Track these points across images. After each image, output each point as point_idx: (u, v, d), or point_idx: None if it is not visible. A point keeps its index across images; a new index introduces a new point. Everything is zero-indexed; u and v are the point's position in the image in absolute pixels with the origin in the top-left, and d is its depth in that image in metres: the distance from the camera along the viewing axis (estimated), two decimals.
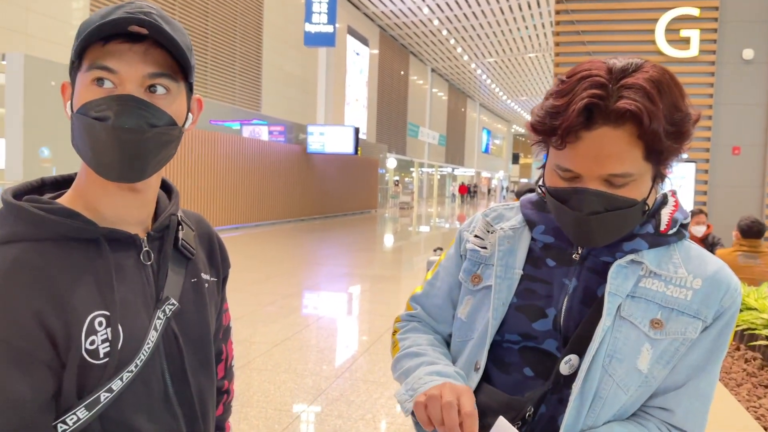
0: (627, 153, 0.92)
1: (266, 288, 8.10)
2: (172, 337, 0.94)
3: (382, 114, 31.32)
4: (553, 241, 1.09)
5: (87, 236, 0.86)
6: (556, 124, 0.93)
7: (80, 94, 0.84)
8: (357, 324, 6.80)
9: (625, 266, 1.00)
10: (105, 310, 0.85)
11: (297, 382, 4.47)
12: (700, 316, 0.98)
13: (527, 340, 1.05)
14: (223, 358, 1.16)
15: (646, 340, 0.98)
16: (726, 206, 8.92)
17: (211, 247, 1.09)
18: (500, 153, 69.65)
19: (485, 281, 1.12)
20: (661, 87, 0.92)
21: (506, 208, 1.20)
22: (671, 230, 1.03)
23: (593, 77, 0.92)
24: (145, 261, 0.92)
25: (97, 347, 0.83)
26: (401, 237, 17.98)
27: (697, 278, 1.00)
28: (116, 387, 0.84)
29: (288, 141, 19.46)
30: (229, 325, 1.18)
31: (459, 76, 43.16)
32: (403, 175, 39.50)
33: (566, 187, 0.98)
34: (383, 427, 3.78)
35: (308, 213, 20.88)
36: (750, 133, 9.15)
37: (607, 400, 0.98)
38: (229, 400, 1.20)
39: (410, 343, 1.17)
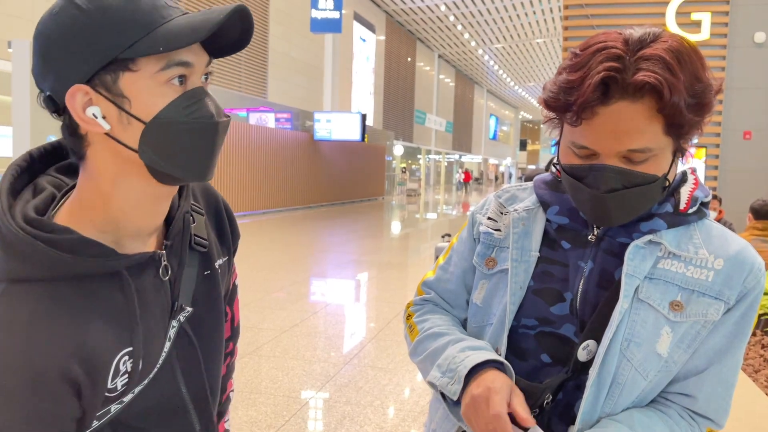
0: (646, 127, 0.88)
1: (274, 275, 8.10)
2: (185, 337, 0.91)
3: (388, 101, 31.19)
4: (567, 222, 1.05)
5: (109, 271, 0.79)
6: (571, 99, 0.89)
7: (154, 99, 0.75)
8: (365, 311, 6.79)
9: (642, 247, 0.96)
10: (129, 347, 0.80)
11: (305, 369, 4.47)
12: (722, 297, 0.94)
13: (544, 325, 1.02)
14: (229, 318, 1.12)
15: (666, 323, 0.94)
16: (737, 191, 8.83)
17: (220, 223, 1.04)
18: (508, 140, 69.38)
19: (500, 265, 1.08)
20: (681, 57, 0.87)
21: (519, 189, 1.17)
22: (691, 209, 0.99)
23: (609, 49, 0.88)
24: (163, 276, 0.86)
25: (116, 385, 0.80)
26: (408, 224, 17.97)
27: (719, 258, 0.96)
28: (127, 399, 0.83)
29: (295, 128, 19.43)
30: (235, 284, 1.14)
31: (466, 63, 42.90)
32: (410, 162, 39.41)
33: (582, 164, 0.94)
34: (392, 413, 3.78)
35: (316, 200, 20.88)
36: (761, 117, 9.04)
37: (625, 386, 0.95)
38: (233, 360, 1.19)
39: (430, 324, 1.14)
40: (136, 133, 0.76)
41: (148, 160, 0.77)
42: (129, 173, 0.79)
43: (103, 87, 0.74)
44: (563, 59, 0.98)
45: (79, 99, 0.74)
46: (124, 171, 0.79)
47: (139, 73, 0.74)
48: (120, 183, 0.79)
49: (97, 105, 0.75)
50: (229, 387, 1.19)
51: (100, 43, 0.72)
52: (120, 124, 0.76)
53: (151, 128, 0.75)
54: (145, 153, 0.76)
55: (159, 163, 0.77)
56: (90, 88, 0.74)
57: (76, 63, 0.73)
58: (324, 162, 21.41)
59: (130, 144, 0.76)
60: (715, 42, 8.91)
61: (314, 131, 20.21)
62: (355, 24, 26.23)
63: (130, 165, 0.78)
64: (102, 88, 0.74)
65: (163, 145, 0.76)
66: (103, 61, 0.73)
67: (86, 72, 0.73)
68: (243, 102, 17.42)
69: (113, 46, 0.72)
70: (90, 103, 0.75)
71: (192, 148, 0.78)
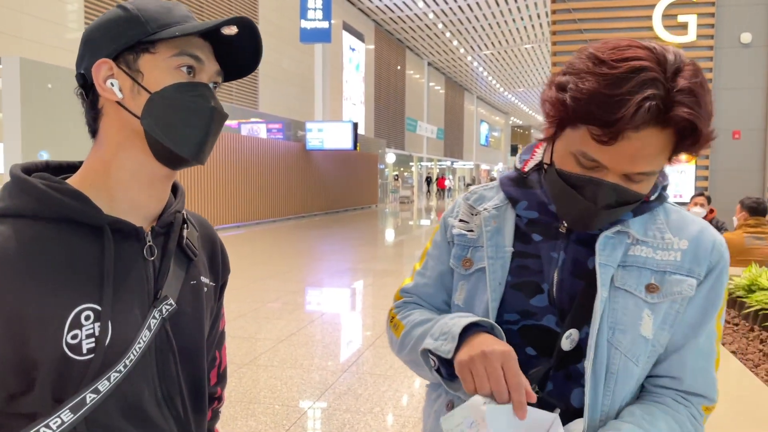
0: (661, 154, 0.92)
1: (270, 285, 8.08)
2: (165, 339, 0.90)
3: (379, 109, 31.26)
4: (537, 216, 1.08)
5: (91, 222, 0.84)
6: (607, 119, 0.87)
7: (163, 76, 0.86)
8: (361, 318, 6.78)
9: (612, 237, 1.01)
10: (95, 304, 0.81)
11: (304, 378, 4.46)
12: (693, 274, 0.99)
13: (526, 318, 1.04)
14: (216, 364, 1.12)
15: (645, 306, 0.98)
16: (727, 191, 8.89)
17: (213, 252, 1.06)
18: (499, 145, 69.57)
19: (477, 264, 1.11)
20: (704, 91, 0.90)
21: (486, 189, 1.19)
22: (653, 196, 1.04)
23: (647, 72, 0.87)
24: (147, 256, 0.90)
25: (80, 342, 0.80)
26: (402, 231, 17.97)
27: (683, 239, 1.02)
28: (103, 388, 0.80)
29: (287, 138, 19.43)
30: (223, 331, 1.14)
31: (456, 70, 43.06)
32: (402, 170, 39.46)
33: (582, 175, 0.95)
34: (391, 420, 3.77)
35: (309, 210, 20.86)
36: (750, 117, 9.12)
37: (618, 375, 0.97)
38: (219, 406, 1.16)
39: (416, 316, 1.15)
40: (142, 101, 0.86)
41: (147, 126, 0.86)
42: (131, 144, 0.88)
43: (125, 64, 0.87)
44: (551, 64, 0.97)
45: (104, 71, 0.86)
46: (126, 141, 0.88)
47: (156, 56, 0.86)
48: (121, 152, 0.88)
49: (117, 78, 0.87)
50: None
51: (129, 30, 0.86)
52: (131, 94, 0.87)
53: (155, 98, 0.86)
54: (145, 119, 0.86)
55: (156, 131, 0.86)
56: (114, 63, 0.87)
57: (106, 43, 0.87)
58: (317, 171, 21.40)
59: (135, 111, 0.86)
60: (701, 43, 8.99)
61: (306, 141, 20.20)
62: (345, 33, 26.31)
63: (133, 136, 0.88)
64: (124, 65, 0.87)
65: (161, 115, 0.86)
66: (128, 43, 0.86)
67: (113, 50, 0.86)
68: (234, 114, 17.40)
69: (139, 33, 0.86)
70: (112, 77, 0.86)
71: (187, 125, 0.87)
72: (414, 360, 1.11)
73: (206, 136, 0.89)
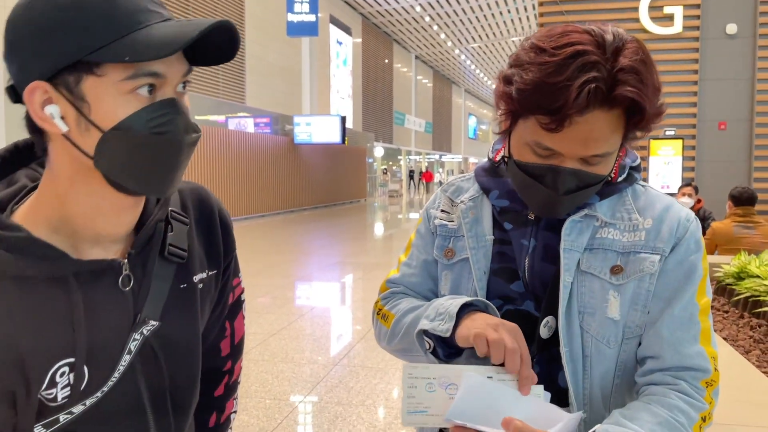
0: (612, 135, 0.93)
1: (259, 280, 8.05)
2: (151, 354, 0.84)
3: (367, 103, 31.20)
4: (508, 204, 1.09)
5: (54, 275, 0.74)
6: (551, 107, 0.88)
7: (115, 106, 0.70)
8: (351, 312, 6.78)
9: (579, 221, 1.02)
10: (70, 358, 0.75)
11: (295, 371, 4.44)
12: (657, 251, 0.99)
13: (508, 303, 1.06)
14: (227, 334, 1.07)
15: (610, 288, 0.99)
16: (714, 181, 8.96)
17: (211, 234, 0.97)
18: (487, 138, 69.66)
19: (459, 254, 1.12)
20: (647, 67, 0.91)
21: (462, 180, 1.21)
22: (620, 177, 1.05)
23: (586, 56, 0.87)
24: (123, 287, 0.81)
25: (55, 395, 0.75)
26: (392, 225, 17.98)
27: (648, 218, 1.02)
28: (77, 410, 0.77)
29: (274, 132, 19.34)
30: (239, 299, 1.08)
31: (443, 63, 43.04)
32: (390, 164, 39.43)
33: (540, 164, 0.96)
34: (383, 412, 3.77)
35: (298, 204, 20.81)
36: (735, 108, 9.19)
37: (593, 357, 0.99)
38: (232, 380, 1.12)
39: (405, 304, 1.16)
40: (93, 139, 0.72)
41: (103, 169, 0.73)
42: (86, 178, 0.75)
43: (65, 87, 0.70)
44: (522, 48, 0.96)
45: (38, 96, 0.71)
46: (80, 175, 0.75)
47: (104, 79, 0.70)
48: (76, 186, 0.75)
49: (57, 104, 0.71)
50: (229, 408, 1.13)
51: (66, 43, 0.68)
52: (78, 128, 0.72)
53: (108, 138, 0.71)
54: (100, 162, 0.73)
55: (115, 174, 0.74)
56: (50, 86, 0.70)
57: (39, 59, 0.69)
58: (305, 165, 21.34)
59: (86, 150, 0.72)
60: (687, 35, 9.03)
61: (294, 135, 20.13)
62: (332, 27, 26.20)
63: (87, 170, 0.74)
64: (63, 88, 0.70)
65: (119, 156, 0.72)
66: (67, 61, 0.69)
67: (49, 69, 0.69)
68: (221, 108, 17.29)
69: (80, 47, 0.68)
70: (50, 102, 0.71)
71: (151, 164, 0.74)
72: (405, 347, 1.11)
73: (175, 171, 0.76)
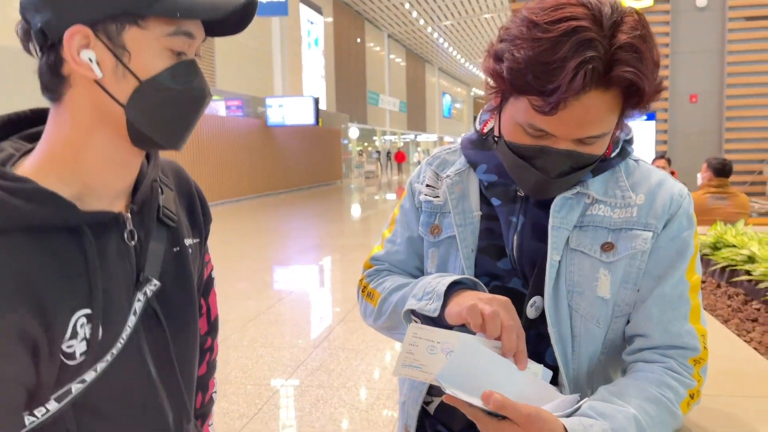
0: (609, 115, 0.88)
1: (236, 265, 7.97)
2: (153, 317, 0.85)
3: (341, 83, 30.92)
4: (496, 179, 1.04)
5: (68, 225, 0.75)
6: (544, 88, 0.83)
7: (154, 59, 0.74)
8: (331, 294, 6.75)
9: (570, 198, 0.97)
10: (88, 308, 0.76)
11: (275, 356, 4.41)
12: (649, 227, 0.96)
13: (495, 280, 1.03)
14: (204, 312, 1.07)
15: (601, 266, 0.95)
16: (686, 153, 9.08)
17: (192, 205, 1.00)
18: (462, 117, 69.79)
19: (445, 231, 1.08)
20: (647, 44, 0.85)
21: (448, 152, 1.15)
22: (614, 153, 1.00)
23: (583, 32, 0.81)
24: (128, 241, 0.82)
25: (74, 350, 0.75)
26: (369, 206, 17.94)
27: (640, 194, 0.98)
28: (89, 378, 0.77)
29: (246, 115, 19.09)
30: (210, 276, 1.10)
31: (416, 41, 42.80)
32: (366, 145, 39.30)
33: (532, 145, 0.91)
34: (365, 394, 3.76)
35: (273, 188, 20.63)
36: (706, 80, 9.29)
37: (582, 337, 0.96)
38: (213, 357, 1.13)
39: (391, 282, 1.13)
40: (128, 88, 0.75)
41: (133, 118, 0.76)
42: (105, 127, 0.77)
43: (105, 35, 0.73)
44: (514, 20, 0.89)
45: (78, 40, 0.72)
46: (101, 123, 0.76)
47: (146, 32, 0.73)
48: (94, 135, 0.77)
49: (94, 50, 0.73)
50: (211, 387, 1.13)
51: None
52: (114, 76, 0.74)
53: (145, 87, 0.75)
54: (131, 110, 0.75)
55: (142, 124, 0.76)
56: (92, 32, 0.72)
57: (85, 4, 0.71)
58: (279, 148, 21.14)
59: (119, 98, 0.75)
60: (658, 8, 9.07)
61: (267, 117, 19.89)
62: (302, 6, 25.81)
63: (109, 119, 0.76)
64: (104, 36, 0.73)
65: (150, 106, 0.76)
66: (114, 10, 0.72)
67: (93, 16, 0.72)
68: None
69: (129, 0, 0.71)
70: (86, 47, 0.73)
71: (176, 117, 0.79)
72: (392, 325, 1.09)
73: (192, 126, 0.82)
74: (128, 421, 0.82)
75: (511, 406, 0.78)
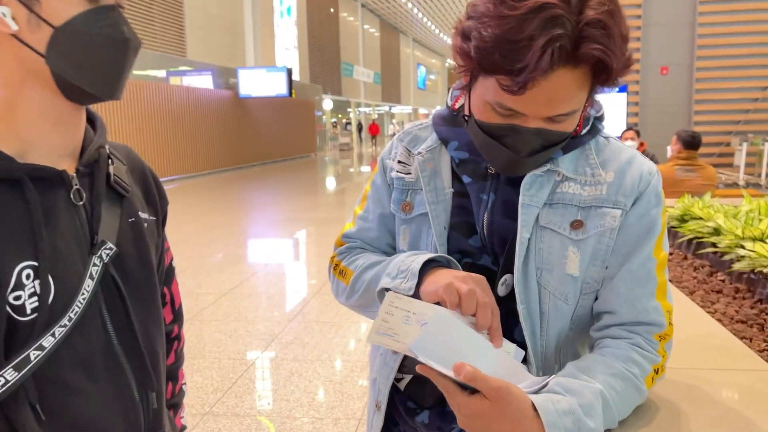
0: (578, 93, 0.86)
1: (209, 239, 7.90)
2: (112, 284, 0.85)
3: (314, 54, 30.45)
4: (467, 156, 1.03)
5: (6, 176, 0.75)
6: (512, 67, 0.81)
7: (65, 6, 0.75)
8: (305, 267, 6.74)
9: (540, 175, 0.97)
10: (33, 261, 0.75)
11: (249, 330, 4.40)
12: (618, 205, 0.96)
13: (466, 257, 1.03)
14: (168, 300, 1.07)
15: (570, 243, 0.96)
16: (657, 125, 9.19)
17: (146, 183, 0.99)
18: (436, 88, 69.47)
19: (417, 208, 1.07)
20: (615, 18, 0.83)
21: (420, 128, 1.14)
22: (584, 130, 1.00)
23: (550, 9, 0.79)
24: (76, 201, 0.82)
25: (23, 303, 0.74)
26: (343, 179, 17.87)
27: (610, 171, 0.98)
28: (48, 344, 0.75)
29: (217, 86, 18.72)
30: (171, 266, 1.09)
31: (390, 11, 42.26)
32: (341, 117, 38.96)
33: (502, 124, 0.90)
34: (339, 365, 3.78)
35: (245, 160, 20.39)
36: (677, 53, 9.37)
37: (550, 314, 0.97)
38: (180, 347, 1.12)
39: (363, 260, 1.12)
40: (44, 37, 0.75)
41: (55, 67, 0.76)
42: (34, 80, 0.77)
43: None
44: None
45: None
46: (30, 77, 0.77)
47: None
48: (26, 91, 0.78)
49: (8, 5, 0.74)
50: (181, 378, 1.13)
51: None
52: (28, 26, 0.75)
53: (60, 34, 0.75)
54: (52, 59, 0.76)
55: (66, 71, 0.77)
56: None
57: None
58: (251, 120, 20.84)
59: (38, 48, 0.75)
60: None
61: (239, 88, 19.55)
62: None
63: (35, 72, 0.77)
64: None
65: (70, 53, 0.76)
66: None
67: None
68: (161, 62, 16.57)
69: None
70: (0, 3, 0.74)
71: (100, 62, 0.78)
72: (366, 303, 1.09)
73: (122, 70, 0.81)
74: (92, 392, 0.81)
75: (482, 378, 0.78)
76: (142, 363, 0.88)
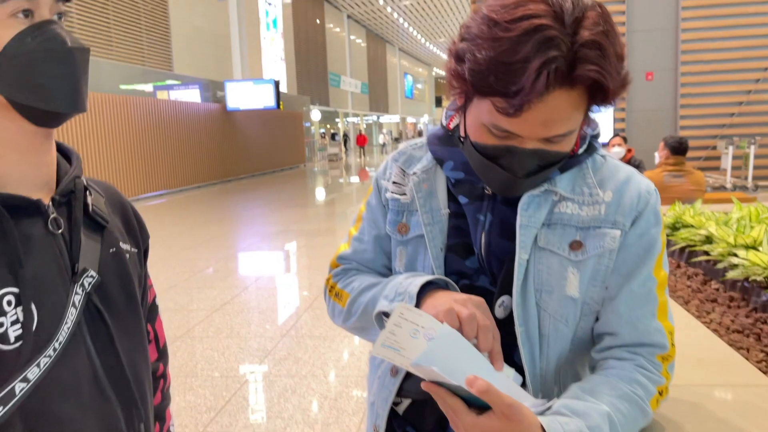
0: (574, 113, 0.85)
1: (199, 253, 7.84)
2: (96, 313, 0.83)
3: (301, 65, 30.48)
4: (463, 176, 1.02)
5: None
6: (507, 90, 0.80)
7: None
8: (297, 281, 6.70)
9: (537, 195, 0.96)
10: (14, 287, 0.74)
11: (241, 346, 4.36)
12: (617, 225, 0.95)
13: (463, 279, 1.01)
14: (152, 338, 1.05)
15: (569, 264, 0.94)
16: (643, 131, 9.25)
17: (126, 216, 0.98)
18: (423, 97, 69.72)
19: (413, 230, 1.06)
20: (610, 38, 0.82)
21: (414, 148, 1.13)
22: (581, 149, 0.99)
23: (544, 31, 0.78)
24: (54, 229, 0.81)
25: (6, 330, 0.73)
26: (333, 189, 17.84)
27: (608, 191, 0.97)
28: (33, 376, 0.74)
29: (205, 100, 18.69)
30: (154, 303, 1.06)
31: (376, 22, 42.43)
32: (329, 127, 38.97)
33: (498, 145, 0.89)
34: (333, 380, 3.75)
35: (235, 173, 20.33)
36: (661, 58, 9.45)
37: (550, 337, 0.95)
38: (167, 386, 1.10)
39: (359, 282, 1.11)
40: None
41: (7, 94, 0.75)
42: None
43: None
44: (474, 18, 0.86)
45: None
46: None
47: None
48: None
49: None
50: (168, 418, 1.10)
51: None
52: None
53: (2, 60, 0.74)
54: (2, 86, 0.75)
55: (19, 96, 0.76)
56: None
57: None
58: (240, 133, 20.80)
59: None
60: None
61: (226, 101, 19.51)
62: None
63: None
64: None
65: (18, 76, 0.75)
66: None
67: None
68: (148, 76, 16.51)
69: None
70: None
71: (50, 77, 0.77)
72: (363, 326, 1.08)
73: (76, 81, 0.79)
74: (79, 423, 0.80)
75: (495, 392, 0.77)
76: (129, 392, 0.86)
